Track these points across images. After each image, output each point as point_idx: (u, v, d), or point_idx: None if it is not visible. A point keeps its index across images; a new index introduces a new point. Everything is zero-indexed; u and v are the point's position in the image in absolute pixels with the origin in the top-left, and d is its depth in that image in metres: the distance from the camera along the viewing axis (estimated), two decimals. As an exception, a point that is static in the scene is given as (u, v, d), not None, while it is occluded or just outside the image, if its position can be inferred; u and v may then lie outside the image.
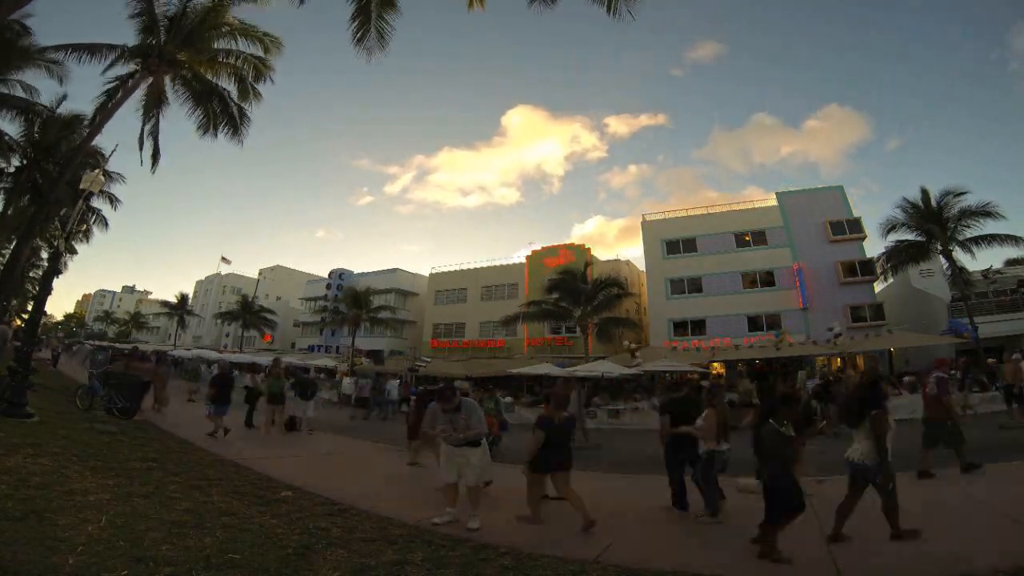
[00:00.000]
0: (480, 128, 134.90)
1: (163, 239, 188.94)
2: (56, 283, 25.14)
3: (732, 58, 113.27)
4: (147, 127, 14.22)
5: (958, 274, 21.05)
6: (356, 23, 9.62)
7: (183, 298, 51.19)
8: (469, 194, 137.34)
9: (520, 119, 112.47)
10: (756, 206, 29.89)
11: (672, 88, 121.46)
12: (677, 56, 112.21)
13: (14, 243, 16.88)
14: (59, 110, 17.89)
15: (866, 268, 25.27)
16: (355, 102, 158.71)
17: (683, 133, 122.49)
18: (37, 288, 28.75)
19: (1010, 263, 27.03)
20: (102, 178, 14.43)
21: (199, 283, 62.65)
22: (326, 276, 45.79)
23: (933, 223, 21.02)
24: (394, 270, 43.36)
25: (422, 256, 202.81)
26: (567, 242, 34.54)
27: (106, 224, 23.81)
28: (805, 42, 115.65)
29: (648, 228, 31.44)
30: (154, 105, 14.05)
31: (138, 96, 13.19)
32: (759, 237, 28.31)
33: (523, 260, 35.22)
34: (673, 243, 30.14)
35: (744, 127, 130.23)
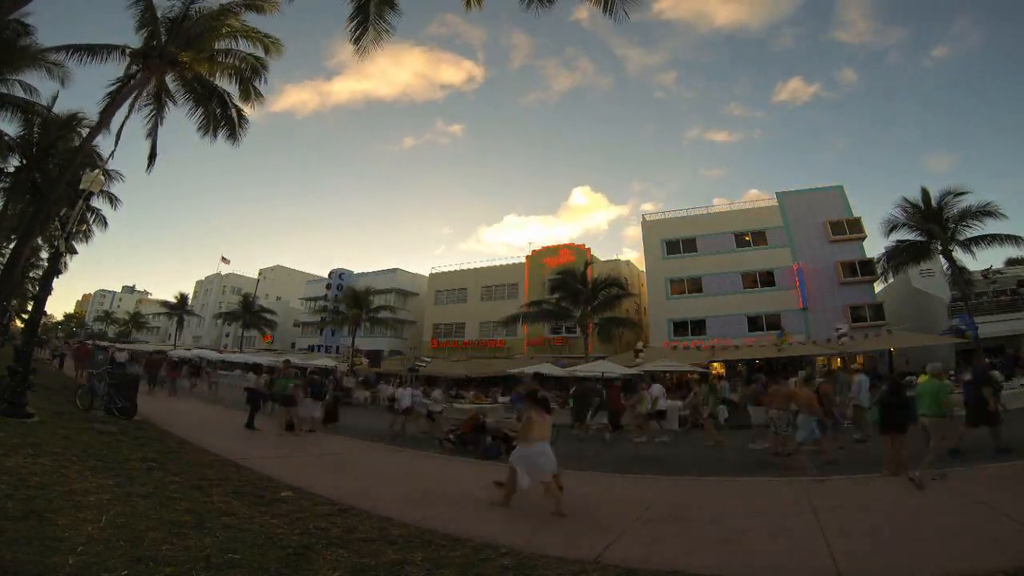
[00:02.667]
0: (550, 200, 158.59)
1: (163, 239, 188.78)
2: (56, 283, 25.14)
3: (730, 179, 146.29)
4: (147, 128, 14.25)
5: (958, 274, 21.04)
6: (354, 23, 9.66)
7: (183, 298, 51.20)
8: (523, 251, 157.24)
9: (584, 198, 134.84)
10: (756, 206, 29.90)
11: (690, 188, 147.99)
12: (701, 174, 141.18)
13: (14, 243, 16.89)
14: (59, 111, 17.92)
15: (866, 268, 25.28)
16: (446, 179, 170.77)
17: (690, 205, 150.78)
18: (37, 288, 28.74)
19: (1010, 263, 27.05)
20: (102, 178, 14.44)
21: (199, 283, 62.65)
22: (326, 276, 45.80)
23: (933, 223, 21.03)
24: (394, 270, 43.36)
25: (424, 258, 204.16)
26: (567, 242, 34.50)
27: (106, 224, 23.87)
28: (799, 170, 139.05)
29: (648, 228, 31.45)
30: (155, 105, 14.07)
31: (135, 96, 13.20)
32: (759, 237, 28.32)
33: (523, 260, 35.23)
34: (673, 243, 30.14)
35: (741, 197, 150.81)
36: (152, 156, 14.60)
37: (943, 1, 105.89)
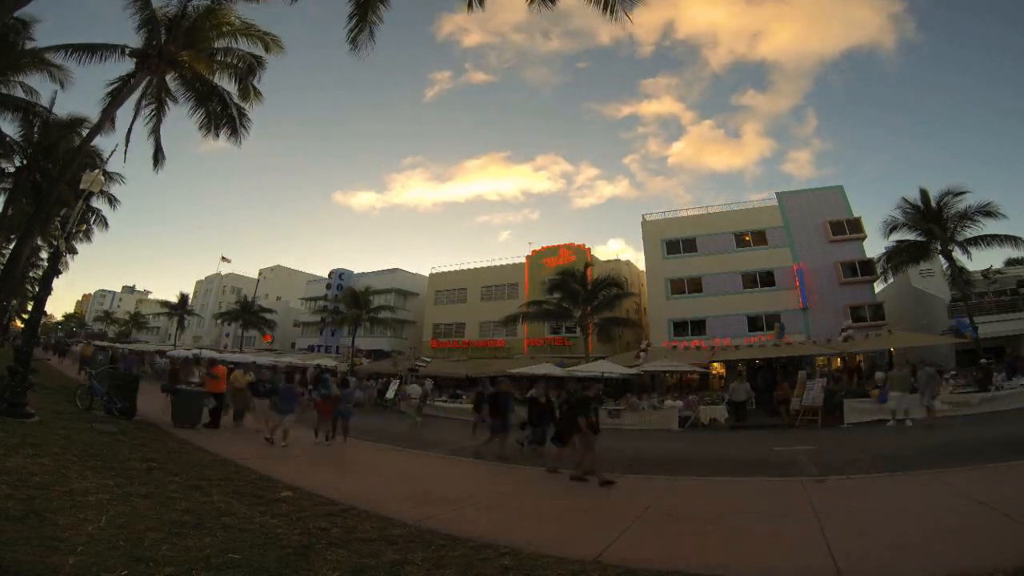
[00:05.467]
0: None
1: (163, 239, 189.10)
2: (56, 283, 25.05)
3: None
4: (148, 127, 14.24)
5: (958, 274, 21.03)
6: (352, 22, 9.66)
7: (183, 298, 51.20)
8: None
9: (619, 246, 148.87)
10: (756, 206, 29.84)
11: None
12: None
13: (14, 243, 16.89)
14: (59, 111, 17.91)
15: (866, 268, 25.25)
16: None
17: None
18: (37, 288, 28.71)
19: (1010, 263, 27.03)
20: (102, 178, 14.44)
21: (199, 283, 62.60)
22: (326, 276, 45.77)
23: (933, 223, 21.01)
24: (394, 270, 43.33)
25: (424, 257, 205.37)
26: (567, 242, 34.43)
27: (106, 224, 23.85)
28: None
29: (648, 228, 31.40)
30: (156, 105, 14.07)
31: (139, 97, 13.20)
32: (759, 237, 28.27)
33: (523, 260, 35.20)
34: (673, 243, 30.11)
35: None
36: (158, 156, 14.62)
37: (863, 148, 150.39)
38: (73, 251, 26.34)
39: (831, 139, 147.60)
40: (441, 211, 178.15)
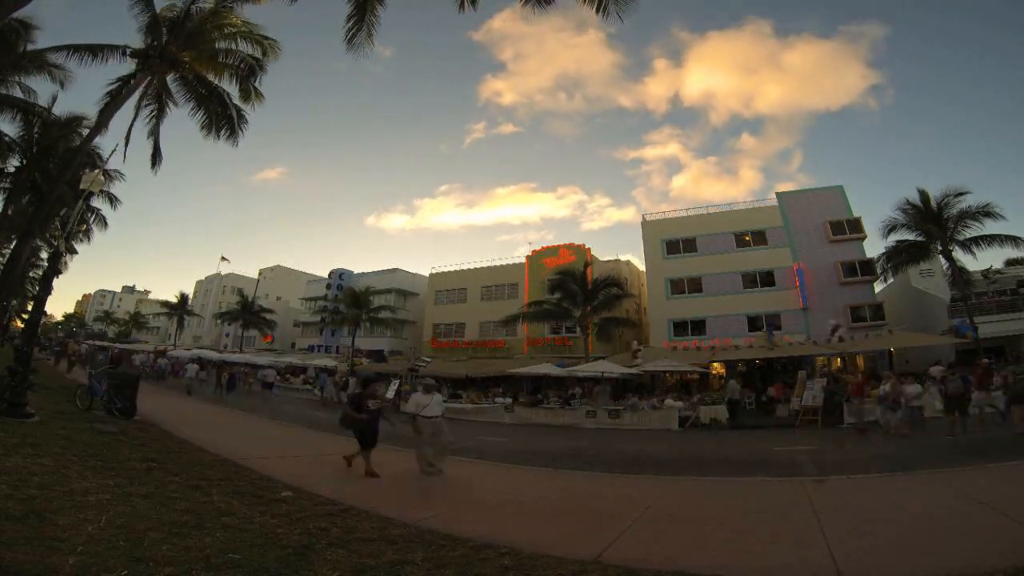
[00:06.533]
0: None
1: (163, 239, 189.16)
2: (56, 283, 24.97)
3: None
4: (148, 127, 14.24)
5: (958, 274, 21.04)
6: (351, 23, 9.68)
7: (183, 298, 51.21)
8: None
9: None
10: (756, 206, 29.83)
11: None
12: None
13: (14, 243, 16.90)
14: (59, 111, 17.91)
15: (866, 268, 25.25)
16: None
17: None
18: (37, 288, 28.68)
19: (1010, 263, 27.02)
20: (102, 178, 14.45)
21: (199, 283, 62.57)
22: (326, 276, 45.77)
23: (933, 223, 21.02)
24: (394, 270, 43.32)
25: (425, 258, 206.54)
26: (567, 242, 34.40)
27: (106, 224, 23.84)
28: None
29: (648, 228, 31.40)
30: (156, 105, 14.06)
31: (139, 97, 13.19)
32: (759, 237, 28.27)
33: (523, 260, 35.19)
34: (673, 243, 30.10)
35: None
36: (156, 156, 14.60)
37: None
38: (73, 251, 26.31)
39: (814, 175, 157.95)
40: (466, 232, 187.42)
